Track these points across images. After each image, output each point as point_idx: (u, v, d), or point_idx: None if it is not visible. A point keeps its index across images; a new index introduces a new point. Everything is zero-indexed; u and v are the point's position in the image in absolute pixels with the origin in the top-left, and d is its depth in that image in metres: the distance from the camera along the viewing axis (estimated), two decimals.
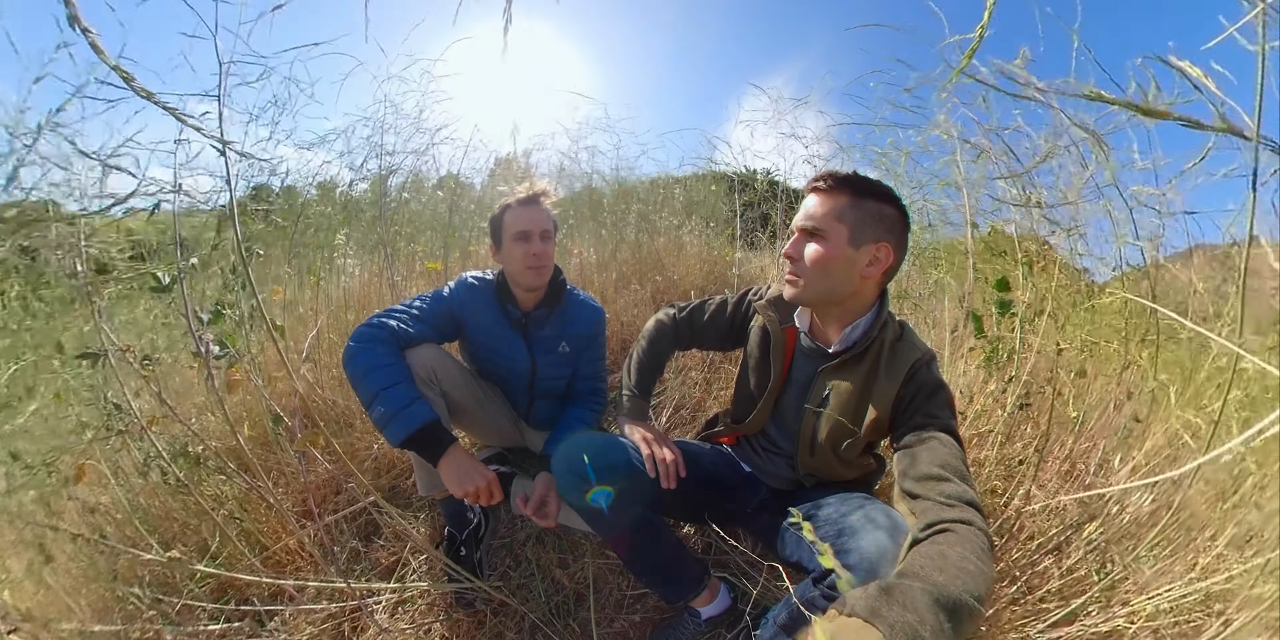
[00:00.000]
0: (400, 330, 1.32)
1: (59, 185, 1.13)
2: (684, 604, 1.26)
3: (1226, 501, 1.16)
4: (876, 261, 1.01)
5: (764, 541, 1.24)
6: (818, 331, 1.14)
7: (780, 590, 1.25)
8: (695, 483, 1.19)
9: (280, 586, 1.32)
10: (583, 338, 1.53)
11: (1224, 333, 1.13)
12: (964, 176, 1.62)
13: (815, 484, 1.20)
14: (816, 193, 1.02)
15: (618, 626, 1.36)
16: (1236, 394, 1.10)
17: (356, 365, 1.24)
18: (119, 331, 1.89)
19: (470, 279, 1.47)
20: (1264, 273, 1.33)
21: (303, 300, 2.33)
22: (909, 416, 1.00)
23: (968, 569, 0.69)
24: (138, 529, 1.44)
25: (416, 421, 1.20)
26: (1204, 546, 1.14)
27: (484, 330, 1.47)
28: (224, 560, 1.41)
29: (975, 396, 1.63)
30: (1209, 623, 1.01)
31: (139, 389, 1.54)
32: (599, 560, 1.48)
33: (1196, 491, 1.17)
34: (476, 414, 1.51)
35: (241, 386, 1.52)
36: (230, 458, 1.53)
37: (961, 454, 0.92)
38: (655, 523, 1.19)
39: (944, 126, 1.57)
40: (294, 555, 1.51)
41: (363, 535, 1.63)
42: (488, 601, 1.36)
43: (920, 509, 0.84)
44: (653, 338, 1.38)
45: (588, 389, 1.59)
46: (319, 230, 2.49)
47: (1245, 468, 1.17)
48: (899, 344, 1.06)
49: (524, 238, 1.36)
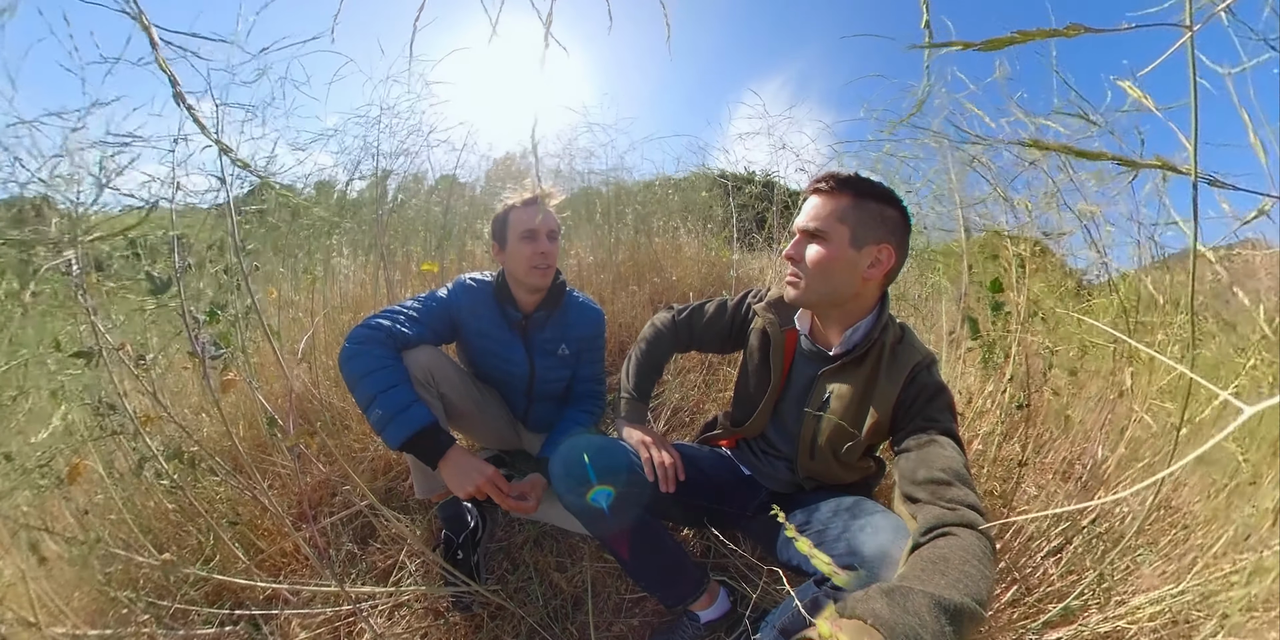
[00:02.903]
0: (397, 332, 1.31)
1: (57, 178, 1.12)
2: (683, 608, 1.25)
3: (1219, 497, 1.17)
4: (878, 263, 1.01)
5: (763, 545, 1.24)
6: (818, 334, 1.14)
7: (780, 593, 1.24)
8: (694, 486, 1.19)
9: (275, 590, 1.31)
10: (582, 340, 1.52)
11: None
12: (955, 183, 1.64)
13: (815, 487, 1.20)
14: (818, 194, 1.02)
15: (616, 630, 1.35)
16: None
17: (353, 367, 1.23)
18: (115, 330, 1.88)
19: (469, 280, 1.46)
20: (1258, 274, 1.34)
21: (299, 301, 2.31)
22: (910, 419, 1.00)
23: (969, 573, 0.69)
24: (132, 531, 1.42)
25: (415, 424, 1.19)
26: (1200, 545, 1.15)
27: (482, 333, 1.46)
28: (219, 563, 1.39)
29: (973, 397, 1.64)
30: (1206, 622, 1.01)
31: (129, 390, 1.52)
32: (597, 564, 1.48)
33: (1190, 487, 1.18)
34: (474, 417, 1.50)
35: (236, 387, 1.51)
36: (225, 459, 1.51)
37: (962, 457, 0.91)
38: (654, 526, 1.18)
39: (936, 137, 1.59)
40: (289, 558, 1.50)
41: (359, 538, 1.61)
42: (485, 605, 1.35)
43: (921, 513, 0.84)
44: (651, 340, 1.37)
45: (586, 391, 1.58)
46: (315, 233, 2.48)
47: (1238, 464, 1.19)
48: (900, 347, 1.06)
49: (531, 237, 1.36)
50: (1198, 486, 1.37)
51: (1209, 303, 1.49)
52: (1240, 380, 1.27)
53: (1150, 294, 1.48)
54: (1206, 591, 1.04)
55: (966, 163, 1.62)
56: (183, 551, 1.48)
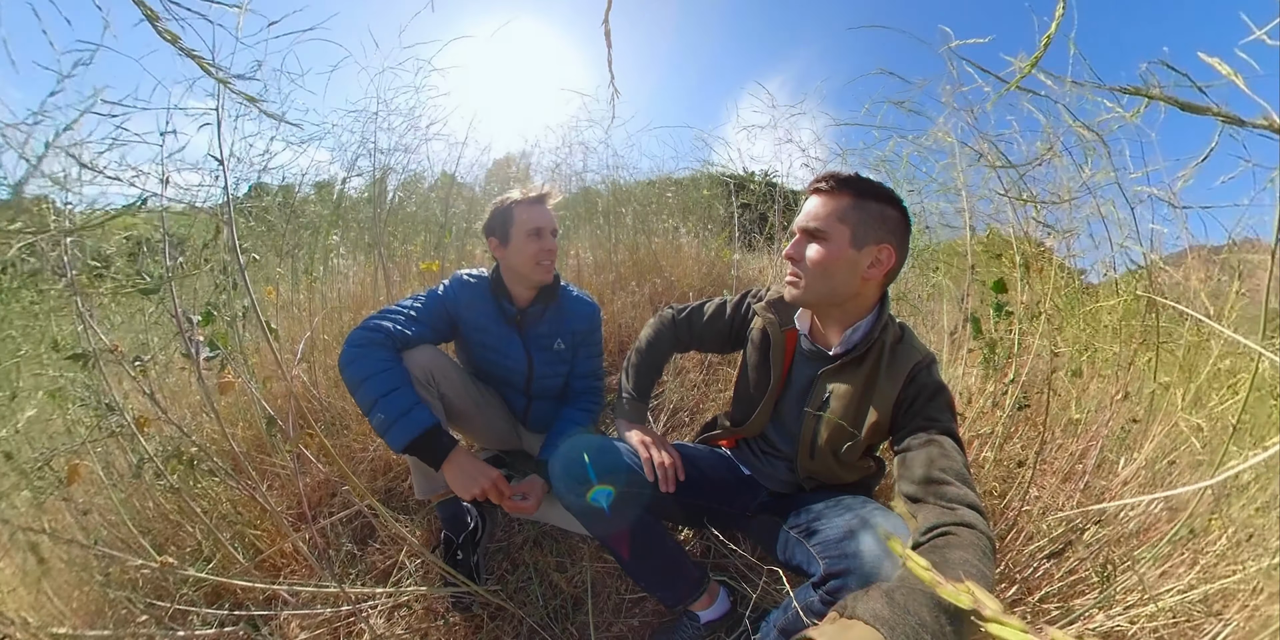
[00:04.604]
0: (397, 332, 1.31)
1: (51, 177, 1.11)
2: (683, 608, 1.25)
3: (1224, 505, 1.16)
4: (878, 263, 1.01)
5: (763, 545, 1.24)
6: (818, 334, 1.14)
7: (780, 594, 1.24)
8: (694, 486, 1.19)
9: (275, 591, 1.30)
10: (578, 334, 1.52)
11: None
12: (963, 180, 1.62)
13: (815, 487, 1.20)
14: (819, 194, 1.02)
15: (616, 631, 1.35)
16: (1238, 396, 1.10)
17: (354, 371, 1.23)
18: (114, 331, 1.88)
19: (466, 276, 1.46)
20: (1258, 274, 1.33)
21: (297, 301, 2.31)
22: (909, 419, 1.00)
23: (969, 572, 0.69)
24: (131, 531, 1.42)
25: (418, 427, 1.19)
26: (1203, 547, 1.14)
27: (480, 327, 1.46)
28: (218, 564, 1.39)
29: (974, 398, 1.63)
30: (1209, 623, 1.01)
31: (129, 390, 1.52)
32: (597, 564, 1.48)
33: (1195, 494, 1.17)
34: (474, 417, 1.50)
35: (234, 388, 1.51)
36: (224, 460, 1.51)
37: (962, 457, 0.91)
38: (654, 526, 1.18)
39: (943, 129, 1.57)
40: (288, 559, 1.50)
41: (358, 539, 1.61)
42: (485, 606, 1.35)
43: (921, 512, 0.84)
44: (651, 340, 1.37)
45: (584, 387, 1.58)
46: (315, 231, 2.47)
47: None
48: (899, 346, 1.06)
49: (538, 234, 1.37)
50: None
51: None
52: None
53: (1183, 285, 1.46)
54: (1209, 593, 1.04)
55: (974, 160, 1.60)
56: (182, 552, 1.48)
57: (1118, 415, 1.50)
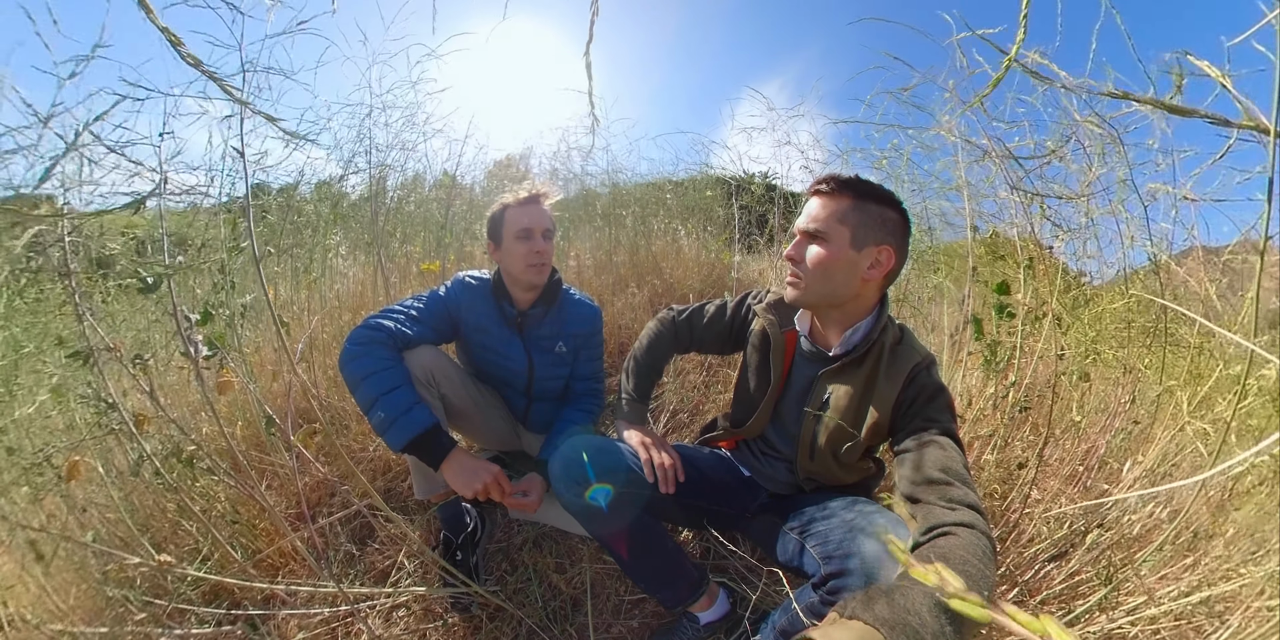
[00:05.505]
0: (398, 332, 1.31)
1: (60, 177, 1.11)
2: (682, 609, 1.25)
3: (1227, 509, 1.16)
4: (878, 264, 1.01)
5: (763, 546, 1.24)
6: (818, 335, 1.14)
7: (780, 595, 1.24)
8: (694, 487, 1.18)
9: (273, 590, 1.30)
10: (579, 337, 1.52)
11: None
12: (965, 179, 1.61)
13: (814, 488, 1.19)
14: (819, 195, 1.02)
15: (615, 632, 1.34)
16: (1247, 401, 1.10)
17: (355, 369, 1.23)
18: (117, 328, 1.88)
19: (468, 278, 1.46)
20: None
21: (297, 300, 2.31)
22: (909, 420, 1.00)
23: (969, 573, 0.69)
24: (129, 529, 1.42)
25: (417, 427, 1.19)
26: (1206, 549, 1.14)
27: (481, 329, 1.46)
28: (216, 563, 1.39)
29: (974, 400, 1.63)
30: (1210, 625, 1.01)
31: (128, 389, 1.52)
32: (597, 565, 1.47)
33: (1198, 497, 1.17)
34: (474, 417, 1.50)
35: (233, 388, 1.51)
36: (223, 459, 1.51)
37: (962, 457, 0.91)
38: (653, 527, 1.18)
39: (946, 126, 1.56)
40: (287, 558, 1.49)
41: (357, 539, 1.61)
42: (484, 606, 1.35)
43: (921, 513, 0.84)
44: (651, 341, 1.37)
45: (585, 389, 1.58)
46: (315, 231, 2.47)
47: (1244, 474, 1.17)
48: (899, 347, 1.06)
49: (526, 235, 1.36)
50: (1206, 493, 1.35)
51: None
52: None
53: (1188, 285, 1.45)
54: (1210, 595, 1.03)
55: (978, 159, 1.58)
56: (180, 551, 1.48)
57: (1120, 418, 1.49)
